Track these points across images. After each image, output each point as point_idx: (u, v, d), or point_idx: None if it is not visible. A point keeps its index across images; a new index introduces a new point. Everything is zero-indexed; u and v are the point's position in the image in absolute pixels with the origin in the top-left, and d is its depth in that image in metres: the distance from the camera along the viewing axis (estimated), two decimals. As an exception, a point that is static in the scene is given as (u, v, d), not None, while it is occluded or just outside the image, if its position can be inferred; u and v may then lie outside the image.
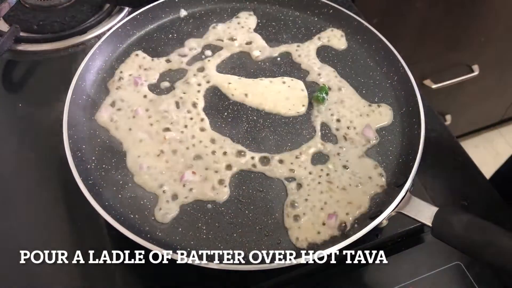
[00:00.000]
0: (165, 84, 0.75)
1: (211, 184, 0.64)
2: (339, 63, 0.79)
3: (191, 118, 0.70)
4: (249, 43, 0.80)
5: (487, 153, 2.05)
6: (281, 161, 0.67)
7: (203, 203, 0.63)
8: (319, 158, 0.67)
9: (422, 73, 1.58)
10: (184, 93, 0.73)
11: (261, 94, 0.74)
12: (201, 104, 0.72)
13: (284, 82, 0.76)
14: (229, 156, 0.66)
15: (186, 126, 0.69)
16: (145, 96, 0.73)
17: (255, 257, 0.58)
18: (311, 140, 0.69)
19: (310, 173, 0.65)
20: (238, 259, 0.58)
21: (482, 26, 1.52)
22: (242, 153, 0.67)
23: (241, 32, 0.82)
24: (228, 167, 0.66)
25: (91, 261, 0.64)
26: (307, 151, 0.68)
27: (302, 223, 0.61)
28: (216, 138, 0.68)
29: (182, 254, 0.55)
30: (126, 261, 0.63)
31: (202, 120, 0.70)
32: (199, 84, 0.74)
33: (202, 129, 0.69)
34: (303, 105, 0.73)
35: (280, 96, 0.74)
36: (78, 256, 0.64)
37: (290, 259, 0.55)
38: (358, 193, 0.63)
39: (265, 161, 0.66)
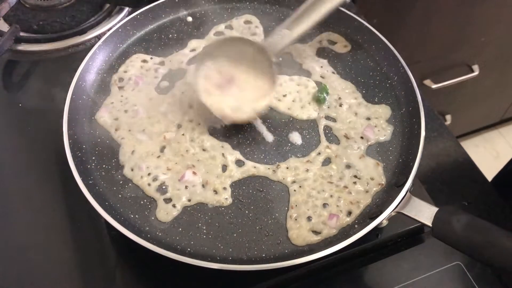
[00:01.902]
0: (165, 84, 0.75)
1: (212, 188, 0.64)
2: (339, 63, 0.79)
3: (191, 120, 0.70)
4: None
5: (487, 153, 2.05)
6: (287, 168, 0.66)
7: (204, 203, 0.63)
8: (324, 160, 0.67)
9: (422, 73, 1.59)
10: (183, 93, 0.73)
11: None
12: (200, 104, 0.72)
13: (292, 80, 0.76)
14: (229, 163, 0.66)
15: (185, 127, 0.69)
16: (145, 96, 0.73)
17: (255, 257, 0.58)
18: (319, 145, 0.68)
19: (313, 174, 0.65)
20: (238, 259, 0.58)
21: (482, 26, 1.52)
22: (242, 163, 0.66)
23: (241, 32, 0.82)
24: (230, 176, 0.65)
25: (91, 261, 0.64)
26: (316, 158, 0.67)
27: (303, 223, 0.61)
28: (215, 144, 0.68)
29: (182, 254, 0.55)
30: (126, 261, 0.63)
31: (200, 122, 0.70)
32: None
33: (201, 131, 0.69)
34: (315, 110, 0.72)
35: (294, 97, 0.74)
36: (78, 256, 0.64)
37: (290, 259, 0.55)
38: (360, 193, 0.63)
39: (268, 168, 0.66)
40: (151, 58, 0.78)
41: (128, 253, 0.63)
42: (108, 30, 0.79)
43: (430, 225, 0.55)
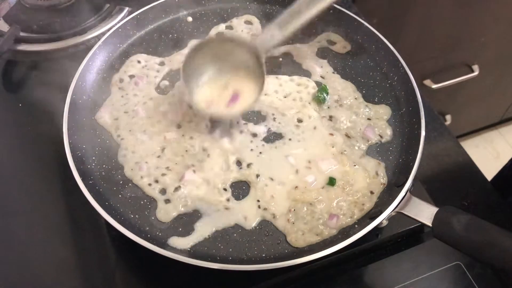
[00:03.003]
0: (165, 84, 0.75)
1: (211, 187, 0.63)
2: (339, 63, 0.79)
3: (190, 121, 0.70)
4: (249, 43, 0.81)
5: (487, 153, 2.06)
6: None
7: (203, 203, 0.63)
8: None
9: (422, 73, 1.59)
10: (183, 93, 0.73)
11: (273, 94, 0.73)
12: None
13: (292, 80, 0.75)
14: (229, 163, 0.66)
15: (185, 127, 0.69)
16: (145, 96, 0.73)
17: (255, 257, 0.58)
18: (323, 146, 0.68)
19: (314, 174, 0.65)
20: (238, 259, 0.58)
21: (482, 26, 1.52)
22: (249, 165, 0.66)
23: (241, 32, 0.82)
24: (230, 176, 0.65)
25: (91, 261, 0.64)
26: (320, 161, 0.66)
27: (303, 223, 0.61)
28: (215, 144, 0.67)
29: (182, 254, 0.55)
30: (126, 261, 0.63)
31: (201, 121, 0.70)
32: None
33: (201, 131, 0.69)
34: (315, 110, 0.72)
35: (294, 97, 0.73)
36: (78, 256, 0.64)
37: (290, 259, 0.55)
38: (360, 193, 0.63)
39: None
40: (151, 58, 0.78)
41: (128, 253, 0.63)
42: (108, 30, 0.79)
43: (430, 225, 0.55)
